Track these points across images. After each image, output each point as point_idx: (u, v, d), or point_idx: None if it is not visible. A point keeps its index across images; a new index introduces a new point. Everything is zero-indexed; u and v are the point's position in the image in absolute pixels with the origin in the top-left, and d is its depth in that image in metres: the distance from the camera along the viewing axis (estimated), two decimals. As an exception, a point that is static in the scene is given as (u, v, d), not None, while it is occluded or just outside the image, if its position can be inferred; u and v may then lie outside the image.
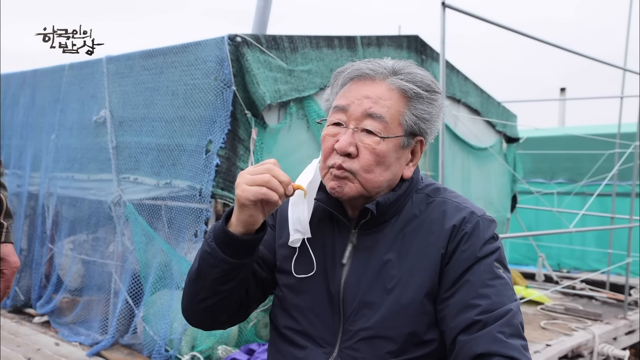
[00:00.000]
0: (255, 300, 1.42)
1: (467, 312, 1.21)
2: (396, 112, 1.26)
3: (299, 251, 1.37)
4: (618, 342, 5.03)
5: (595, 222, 6.90)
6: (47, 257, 4.60)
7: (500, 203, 5.91)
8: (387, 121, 1.25)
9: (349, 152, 1.25)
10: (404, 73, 1.29)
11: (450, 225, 1.27)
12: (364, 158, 1.25)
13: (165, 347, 3.48)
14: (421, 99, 1.28)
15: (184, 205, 3.57)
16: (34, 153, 4.90)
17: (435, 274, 1.26)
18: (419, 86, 1.28)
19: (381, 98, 1.26)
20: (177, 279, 3.52)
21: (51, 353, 3.71)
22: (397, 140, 1.27)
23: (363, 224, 1.32)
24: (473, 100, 5.34)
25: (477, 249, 1.25)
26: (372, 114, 1.25)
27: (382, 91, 1.27)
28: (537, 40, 4.48)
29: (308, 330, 1.33)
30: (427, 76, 1.31)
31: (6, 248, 1.55)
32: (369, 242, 1.32)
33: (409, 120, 1.27)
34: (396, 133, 1.27)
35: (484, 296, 1.21)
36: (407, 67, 1.31)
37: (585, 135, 6.93)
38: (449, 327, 1.23)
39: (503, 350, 1.16)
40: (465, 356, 1.19)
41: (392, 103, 1.26)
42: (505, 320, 1.19)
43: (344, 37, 4.09)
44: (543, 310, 5.51)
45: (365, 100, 1.26)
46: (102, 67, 4.23)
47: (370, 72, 1.28)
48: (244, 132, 3.47)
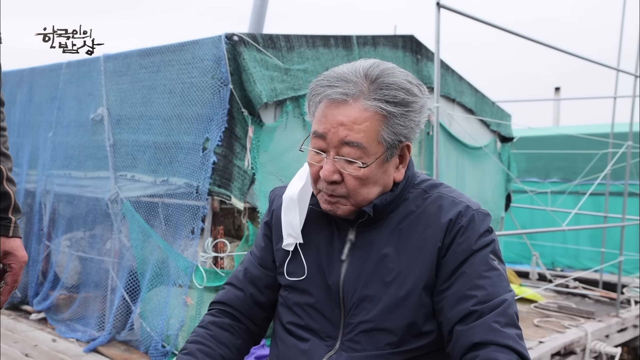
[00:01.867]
0: (269, 318, 1.53)
1: (464, 303, 1.25)
2: (373, 133, 1.25)
3: (292, 255, 1.42)
4: (610, 340, 5.09)
5: (589, 221, 6.95)
6: (44, 254, 4.62)
7: (495, 202, 5.95)
8: (364, 146, 1.25)
9: (334, 180, 1.28)
10: (378, 89, 1.25)
11: (446, 219, 1.31)
12: (349, 183, 1.28)
13: (162, 343, 3.51)
14: (396, 116, 1.26)
15: (181, 202, 3.60)
16: (31, 151, 4.91)
17: (432, 266, 1.30)
18: (393, 103, 1.24)
19: (355, 123, 1.24)
20: (174, 276, 3.55)
21: (48, 349, 3.73)
22: (379, 160, 1.28)
23: (360, 223, 1.36)
24: (468, 99, 5.38)
25: (472, 242, 1.29)
26: (348, 142, 1.25)
27: (356, 114, 1.24)
28: (531, 40, 4.52)
29: (311, 325, 1.38)
30: (403, 85, 1.26)
31: (14, 242, 1.58)
32: (367, 239, 1.36)
33: (387, 138, 1.27)
34: (377, 153, 1.27)
35: (480, 287, 1.25)
36: (381, 76, 1.26)
37: (579, 134, 6.98)
38: (446, 318, 1.27)
39: (499, 339, 1.19)
40: (462, 346, 1.23)
41: (367, 125, 1.24)
42: (500, 310, 1.23)
43: (340, 36, 4.12)
44: (536, 308, 5.56)
45: (340, 128, 1.25)
46: (99, 65, 4.25)
47: (341, 97, 1.25)
48: (240, 130, 3.50)
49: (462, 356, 1.23)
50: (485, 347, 1.19)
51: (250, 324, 1.49)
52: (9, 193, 1.57)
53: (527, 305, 5.62)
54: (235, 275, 1.53)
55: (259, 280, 1.48)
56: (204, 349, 1.39)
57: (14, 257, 1.57)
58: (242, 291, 1.49)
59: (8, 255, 1.56)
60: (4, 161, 1.57)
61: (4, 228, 1.57)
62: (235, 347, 1.45)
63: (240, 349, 1.46)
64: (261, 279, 1.48)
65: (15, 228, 1.58)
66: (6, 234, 1.57)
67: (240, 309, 1.48)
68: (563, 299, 6.11)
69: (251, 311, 1.48)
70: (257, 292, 1.48)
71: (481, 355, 1.19)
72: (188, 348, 1.40)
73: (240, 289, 1.49)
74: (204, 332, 1.44)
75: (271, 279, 1.48)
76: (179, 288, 3.52)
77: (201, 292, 3.42)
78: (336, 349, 1.34)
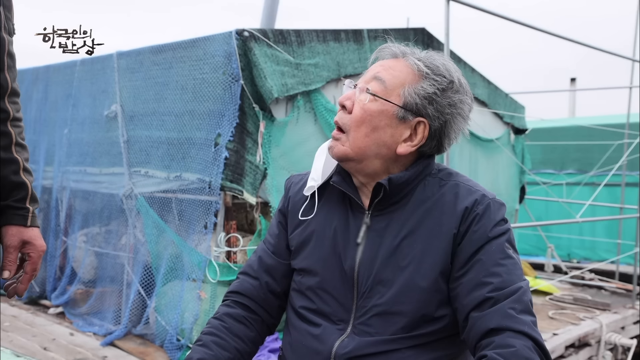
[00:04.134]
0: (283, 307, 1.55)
1: (479, 290, 1.26)
2: (399, 83, 1.34)
3: (310, 197, 1.48)
4: (626, 332, 5.05)
5: (605, 212, 6.89)
6: (61, 249, 4.69)
7: (509, 194, 5.93)
8: (386, 86, 1.34)
9: (345, 104, 1.37)
10: (426, 58, 1.37)
11: (462, 206, 1.32)
12: (354, 113, 1.35)
13: (177, 336, 3.55)
14: (425, 78, 1.34)
15: (194, 197, 3.63)
16: (47, 148, 4.98)
17: (447, 253, 1.31)
18: (427, 65, 1.34)
19: (392, 68, 1.36)
20: (188, 270, 3.58)
21: (66, 343, 3.80)
22: (390, 107, 1.33)
23: (377, 205, 1.38)
24: (480, 92, 5.36)
25: (488, 230, 1.30)
26: (377, 76, 1.35)
27: (397, 65, 1.36)
28: (545, 32, 4.49)
29: (322, 308, 1.40)
30: (445, 64, 1.37)
31: (32, 232, 1.60)
32: (383, 223, 1.37)
33: (408, 94, 1.33)
34: (392, 99, 1.33)
35: (496, 274, 1.26)
36: (434, 55, 1.39)
37: (594, 125, 6.91)
38: (462, 305, 1.28)
39: (514, 325, 1.20)
40: (477, 332, 1.24)
41: (399, 74, 1.34)
42: (515, 297, 1.23)
43: (350, 30, 4.12)
44: (551, 301, 5.54)
45: (378, 67, 1.37)
46: (112, 62, 4.29)
47: (397, 51, 1.39)
48: (252, 125, 3.52)
49: (477, 342, 1.24)
50: (501, 333, 1.20)
51: (264, 313, 1.50)
52: (26, 183, 1.59)
53: (543, 297, 5.60)
54: (249, 265, 1.54)
55: (274, 268, 1.50)
56: (218, 341, 1.41)
57: (33, 246, 1.59)
58: (257, 280, 1.50)
59: (27, 244, 1.59)
60: (20, 151, 1.59)
61: (21, 217, 1.59)
62: (249, 340, 1.46)
63: (254, 341, 1.48)
64: (276, 267, 1.50)
65: (33, 217, 1.61)
66: (24, 223, 1.58)
67: (255, 298, 1.49)
68: (579, 291, 6.08)
69: (266, 300, 1.50)
70: (272, 280, 1.49)
71: (496, 341, 1.19)
72: (203, 339, 1.42)
73: (255, 278, 1.51)
74: (218, 324, 1.46)
75: (286, 267, 1.50)
76: (192, 282, 3.55)
77: (214, 286, 3.46)
78: (348, 332, 1.35)
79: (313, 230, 1.44)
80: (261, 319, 1.50)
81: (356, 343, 1.32)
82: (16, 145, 1.58)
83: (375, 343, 1.32)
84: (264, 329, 1.51)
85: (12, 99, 1.57)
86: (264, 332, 1.51)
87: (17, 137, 1.58)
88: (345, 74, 3.98)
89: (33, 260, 1.60)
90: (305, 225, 1.46)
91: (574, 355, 4.39)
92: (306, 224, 1.46)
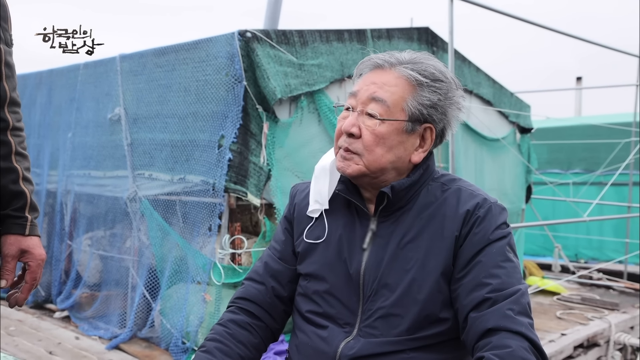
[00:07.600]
0: (288, 313, 1.55)
1: (479, 291, 1.28)
2: (399, 98, 1.34)
3: (315, 220, 1.48)
4: (635, 331, 5.01)
5: (612, 211, 6.84)
6: (66, 253, 4.69)
7: (515, 194, 5.89)
8: (388, 105, 1.34)
9: (352, 132, 1.35)
10: (414, 63, 1.36)
11: (464, 210, 1.35)
12: (365, 138, 1.35)
13: (182, 339, 3.54)
14: (423, 86, 1.34)
15: (198, 200, 3.62)
16: (52, 151, 4.98)
17: (449, 255, 1.34)
18: (423, 75, 1.34)
19: (386, 84, 1.35)
20: (193, 273, 3.57)
21: (71, 347, 3.79)
22: (398, 125, 1.35)
23: (382, 211, 1.40)
24: (485, 91, 5.32)
25: (489, 232, 1.33)
26: (375, 97, 1.34)
27: (389, 78, 1.35)
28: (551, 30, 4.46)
29: (329, 312, 1.42)
30: (437, 66, 1.37)
31: (31, 241, 1.60)
32: (388, 228, 1.40)
33: (411, 107, 1.34)
34: (397, 117, 1.34)
35: (495, 276, 1.29)
36: (420, 58, 1.38)
37: (601, 124, 6.87)
38: (462, 305, 1.31)
39: (512, 326, 1.22)
40: (475, 332, 1.26)
41: (396, 89, 1.34)
42: (514, 299, 1.26)
43: (353, 30, 4.10)
44: (559, 301, 5.49)
45: (372, 86, 1.36)
46: (115, 65, 4.29)
47: (381, 62, 1.37)
48: (255, 126, 3.51)
49: (475, 342, 1.25)
50: (498, 333, 1.22)
51: (269, 319, 1.50)
52: (25, 192, 1.59)
53: (550, 297, 5.55)
54: (254, 271, 1.55)
55: (280, 274, 1.51)
56: (222, 348, 1.41)
57: (32, 255, 1.59)
58: (263, 285, 1.51)
59: (25, 253, 1.59)
60: (21, 160, 1.60)
61: (20, 226, 1.59)
62: (253, 346, 1.47)
63: (258, 348, 1.48)
64: (282, 272, 1.51)
65: (32, 226, 1.61)
66: (23, 232, 1.59)
67: (261, 303, 1.50)
68: (587, 291, 6.03)
69: (272, 304, 1.50)
70: (278, 285, 1.50)
71: (493, 341, 1.21)
72: (206, 346, 1.42)
73: (261, 283, 1.51)
74: (222, 330, 1.46)
75: (292, 272, 1.51)
76: (197, 285, 3.54)
77: (219, 289, 3.44)
78: (354, 335, 1.37)
79: (319, 236, 1.46)
80: (265, 325, 1.50)
81: (361, 344, 1.34)
82: (16, 154, 1.58)
83: (380, 344, 1.34)
84: (267, 336, 1.51)
85: (12, 108, 1.58)
86: (267, 339, 1.52)
87: (18, 146, 1.58)
88: (348, 74, 3.96)
89: (32, 269, 1.60)
90: (311, 231, 1.48)
91: (582, 355, 4.36)
92: (312, 229, 1.48)
